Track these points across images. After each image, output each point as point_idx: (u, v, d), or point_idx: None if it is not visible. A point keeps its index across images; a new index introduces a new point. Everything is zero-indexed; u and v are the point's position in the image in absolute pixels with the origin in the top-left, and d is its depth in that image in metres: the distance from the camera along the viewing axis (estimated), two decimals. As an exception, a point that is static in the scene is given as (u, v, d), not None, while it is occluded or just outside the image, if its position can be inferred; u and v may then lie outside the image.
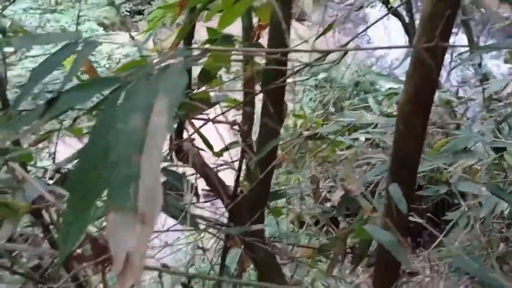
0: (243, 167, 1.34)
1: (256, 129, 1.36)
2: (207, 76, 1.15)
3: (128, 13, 7.66)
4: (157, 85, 0.44)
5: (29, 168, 1.32)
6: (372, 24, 1.14)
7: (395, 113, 2.03)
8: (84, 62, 0.50)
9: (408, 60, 1.02)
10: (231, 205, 1.24)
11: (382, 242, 1.07)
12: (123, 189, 0.39)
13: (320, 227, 2.47)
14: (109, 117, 0.43)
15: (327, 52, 0.63)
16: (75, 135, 1.27)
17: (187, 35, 1.13)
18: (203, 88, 1.12)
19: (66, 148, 1.52)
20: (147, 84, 0.44)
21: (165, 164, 1.27)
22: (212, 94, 1.24)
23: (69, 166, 1.18)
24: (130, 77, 0.46)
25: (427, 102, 0.99)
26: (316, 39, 1.01)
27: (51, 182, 1.15)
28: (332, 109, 2.98)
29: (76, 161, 0.43)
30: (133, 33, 7.31)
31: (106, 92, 0.48)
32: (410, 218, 1.27)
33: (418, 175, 1.71)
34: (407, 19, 3.65)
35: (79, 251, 0.62)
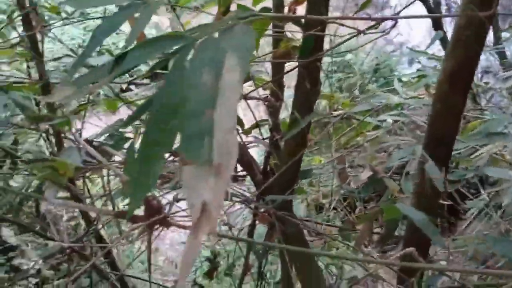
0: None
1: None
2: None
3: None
4: (225, 43, 0.44)
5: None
6: (404, 8, 1.12)
7: (421, 96, 2.01)
8: (144, 27, 0.50)
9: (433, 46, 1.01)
10: (262, 182, 1.25)
11: (414, 220, 1.07)
12: (197, 142, 0.40)
13: (341, 209, 2.47)
14: (179, 73, 0.44)
15: (380, 20, 0.63)
16: (107, 110, 1.28)
17: (224, 12, 1.13)
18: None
19: (91, 126, 1.54)
20: (215, 41, 0.44)
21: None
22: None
23: (101, 139, 1.20)
24: (196, 35, 0.46)
25: (468, 80, 0.98)
26: (355, 13, 1.00)
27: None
28: (356, 93, 2.96)
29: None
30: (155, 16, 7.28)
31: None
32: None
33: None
34: (432, 5, 3.58)
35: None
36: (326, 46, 1.19)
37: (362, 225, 1.29)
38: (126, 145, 0.98)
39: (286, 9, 1.41)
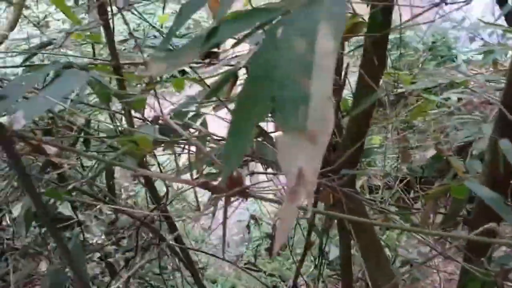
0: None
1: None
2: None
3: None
4: (317, 12, 0.44)
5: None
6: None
7: (487, 73, 1.92)
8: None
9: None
10: (324, 159, 1.25)
11: (484, 197, 1.05)
12: (292, 109, 0.41)
13: (397, 190, 2.43)
14: (271, 42, 0.45)
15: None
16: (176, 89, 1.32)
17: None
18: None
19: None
20: (307, 11, 0.45)
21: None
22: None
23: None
24: (286, 6, 0.47)
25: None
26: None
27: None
28: (415, 71, 2.87)
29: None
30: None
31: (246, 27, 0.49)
32: None
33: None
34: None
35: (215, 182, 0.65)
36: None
37: (427, 203, 1.26)
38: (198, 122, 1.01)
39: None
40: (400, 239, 3.73)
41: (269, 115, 0.44)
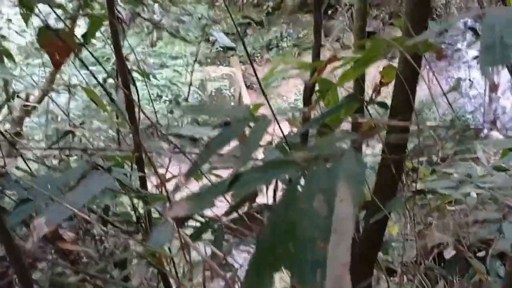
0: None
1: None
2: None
3: (221, 49, 8.02)
4: (336, 171, 0.46)
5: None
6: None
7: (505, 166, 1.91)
8: (262, 138, 0.53)
9: None
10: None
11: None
12: (309, 271, 0.42)
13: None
14: (291, 199, 0.46)
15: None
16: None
17: (310, 91, 1.18)
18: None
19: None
20: (326, 169, 0.47)
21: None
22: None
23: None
24: (307, 160, 0.49)
25: None
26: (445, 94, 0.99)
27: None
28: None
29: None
30: (226, 67, 7.68)
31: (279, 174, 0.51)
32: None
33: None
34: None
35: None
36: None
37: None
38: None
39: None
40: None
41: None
